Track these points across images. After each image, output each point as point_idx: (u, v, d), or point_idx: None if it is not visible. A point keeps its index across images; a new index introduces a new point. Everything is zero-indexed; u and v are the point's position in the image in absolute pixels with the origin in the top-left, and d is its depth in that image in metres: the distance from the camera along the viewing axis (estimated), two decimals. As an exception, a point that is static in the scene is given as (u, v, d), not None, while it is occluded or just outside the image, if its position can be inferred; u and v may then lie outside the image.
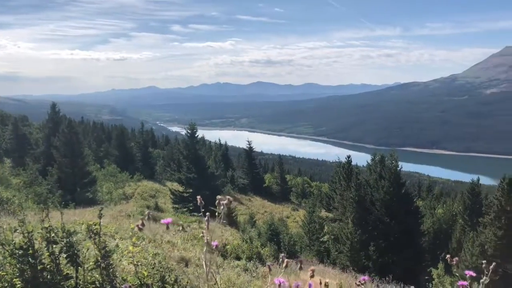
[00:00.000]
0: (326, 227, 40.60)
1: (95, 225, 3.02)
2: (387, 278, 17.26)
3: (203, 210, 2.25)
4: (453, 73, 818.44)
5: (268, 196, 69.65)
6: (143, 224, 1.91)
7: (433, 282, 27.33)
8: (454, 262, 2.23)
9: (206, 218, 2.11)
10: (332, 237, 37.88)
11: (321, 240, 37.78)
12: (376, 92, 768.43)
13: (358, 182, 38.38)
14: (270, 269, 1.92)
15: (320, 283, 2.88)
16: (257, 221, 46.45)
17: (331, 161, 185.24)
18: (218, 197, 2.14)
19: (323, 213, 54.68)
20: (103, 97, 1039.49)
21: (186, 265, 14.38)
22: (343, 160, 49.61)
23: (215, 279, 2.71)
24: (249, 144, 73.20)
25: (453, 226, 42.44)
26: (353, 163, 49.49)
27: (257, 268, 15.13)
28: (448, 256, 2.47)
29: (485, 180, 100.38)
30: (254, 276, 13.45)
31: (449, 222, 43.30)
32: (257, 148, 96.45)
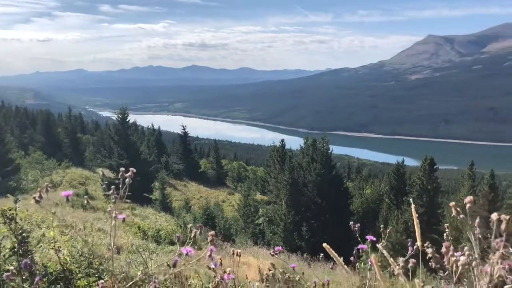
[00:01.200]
0: (261, 210, 41.32)
1: (9, 210, 2.87)
2: (317, 257, 17.90)
3: (118, 183, 2.14)
4: (381, 60, 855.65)
5: (204, 181, 69.47)
6: (40, 197, 1.86)
7: (361, 258, 28.71)
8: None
9: (112, 191, 2.01)
10: (267, 219, 38.66)
11: (256, 222, 38.41)
12: (310, 77, 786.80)
13: (292, 165, 39.33)
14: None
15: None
16: (192, 206, 46.27)
17: (266, 145, 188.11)
18: (122, 169, 2.05)
19: (258, 196, 55.56)
20: (26, 80, 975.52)
21: (118, 252, 14.11)
22: (278, 144, 50.49)
23: (147, 265, 2.68)
24: (184, 129, 72.28)
25: (380, 205, 44.77)
26: (287, 147, 50.57)
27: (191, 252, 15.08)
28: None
29: (409, 162, 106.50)
30: (187, 260, 13.41)
31: (376, 202, 45.61)
32: (192, 133, 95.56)
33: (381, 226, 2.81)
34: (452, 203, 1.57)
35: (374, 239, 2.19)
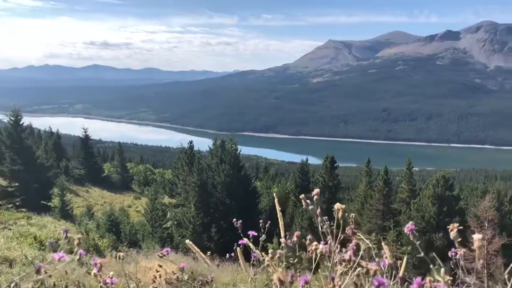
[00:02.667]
0: (169, 213, 40.47)
1: None
2: (227, 257, 17.90)
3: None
4: (285, 63, 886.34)
5: (108, 186, 66.36)
6: None
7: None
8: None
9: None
10: (175, 222, 37.97)
11: (164, 226, 37.55)
12: (217, 79, 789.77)
13: (200, 166, 39.07)
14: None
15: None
16: (95, 213, 43.96)
17: (174, 147, 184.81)
18: None
19: (167, 199, 54.41)
20: None
21: (10, 266, 12.89)
22: (186, 145, 49.84)
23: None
24: (85, 132, 68.33)
25: (287, 203, 46.24)
26: (196, 148, 50.09)
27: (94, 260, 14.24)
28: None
29: (313, 160, 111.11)
30: (90, 269, 12.64)
31: (283, 200, 47.06)
32: (94, 135, 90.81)
33: (287, 222, 2.82)
34: (302, 196, 1.66)
35: (256, 234, 2.23)
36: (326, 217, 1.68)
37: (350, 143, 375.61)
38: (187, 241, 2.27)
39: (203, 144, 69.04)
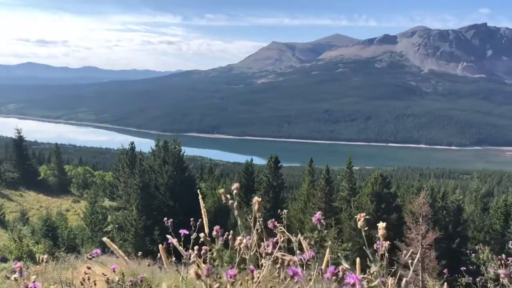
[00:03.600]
0: (109, 217, 39.21)
1: None
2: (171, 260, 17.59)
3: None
4: (230, 63, 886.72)
5: (44, 189, 63.23)
6: None
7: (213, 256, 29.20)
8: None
9: None
10: (117, 226, 36.85)
11: (104, 230, 36.35)
12: (160, 78, 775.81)
13: (142, 168, 38.18)
14: None
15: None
16: (30, 218, 41.77)
17: (115, 148, 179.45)
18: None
19: (107, 202, 52.64)
20: None
21: None
22: (127, 147, 48.50)
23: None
24: (19, 133, 64.71)
25: (240, 208, 46.20)
26: (137, 149, 48.84)
27: (28, 268, 13.51)
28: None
29: (257, 161, 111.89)
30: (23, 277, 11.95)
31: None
32: (29, 137, 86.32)
33: (232, 223, 2.78)
34: (221, 190, 1.71)
35: (187, 232, 2.24)
36: (247, 210, 1.77)
37: (293, 143, 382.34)
38: (105, 238, 2.22)
39: (145, 145, 67.59)
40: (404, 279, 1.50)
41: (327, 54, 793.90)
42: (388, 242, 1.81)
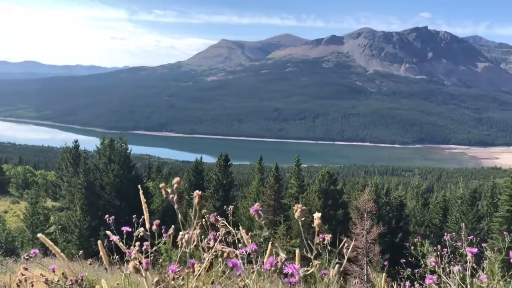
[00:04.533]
0: (52, 218, 37.62)
1: None
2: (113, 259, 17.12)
3: None
4: (179, 60, 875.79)
5: (-20, 190, 59.84)
6: None
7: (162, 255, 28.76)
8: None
9: None
10: (60, 227, 35.41)
11: (46, 231, 34.82)
12: (106, 74, 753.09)
13: (87, 167, 36.92)
14: None
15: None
16: (-37, 221, 39.32)
17: (58, 146, 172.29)
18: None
19: (49, 203, 50.46)
20: None
21: None
22: (70, 145, 46.66)
23: None
24: (-49, 130, 60.82)
25: (180, 202, 45.65)
26: (82, 147, 47.13)
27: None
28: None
29: (207, 159, 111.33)
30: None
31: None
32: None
33: (181, 221, 2.74)
34: (161, 185, 1.73)
35: (130, 229, 2.18)
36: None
37: (243, 141, 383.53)
38: (39, 234, 2.14)
39: (90, 143, 65.47)
40: (336, 266, 1.57)
41: (276, 53, 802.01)
42: (330, 235, 1.83)
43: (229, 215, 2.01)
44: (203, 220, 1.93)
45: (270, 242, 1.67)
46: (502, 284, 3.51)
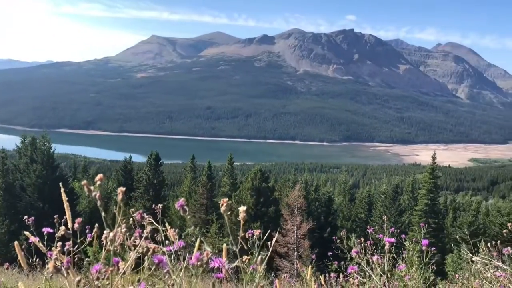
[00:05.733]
0: (-35, 223, 34.75)
1: None
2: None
3: None
4: (106, 56, 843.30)
5: None
6: None
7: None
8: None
9: None
10: (-26, 233, 32.81)
11: (-41, 238, 32.10)
12: (27, 69, 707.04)
13: (6, 167, 34.53)
14: None
15: None
16: None
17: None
18: None
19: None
20: None
21: None
22: (-13, 144, 43.40)
23: None
24: None
25: (109, 203, 44.12)
26: (0, 147, 44.01)
27: None
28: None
29: (137, 158, 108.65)
30: None
31: (105, 200, 44.74)
32: None
33: (110, 222, 2.65)
34: (84, 182, 1.67)
35: (52, 230, 2.10)
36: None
37: (175, 139, 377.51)
38: (16, 242, 2.11)
39: (9, 142, 61.37)
40: (259, 256, 1.57)
41: (209, 51, 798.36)
42: (259, 230, 1.84)
43: (158, 214, 1.98)
44: (131, 219, 1.88)
45: (198, 239, 1.70)
46: (419, 272, 3.77)
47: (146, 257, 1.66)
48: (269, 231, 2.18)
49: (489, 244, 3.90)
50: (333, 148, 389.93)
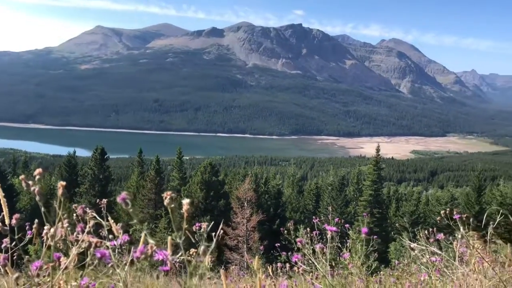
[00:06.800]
0: None
1: None
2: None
3: None
4: (48, 46, 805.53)
5: None
6: None
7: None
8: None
9: None
10: None
11: None
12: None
13: None
14: None
15: None
16: None
17: None
18: None
19: None
20: None
21: None
22: None
23: None
24: None
25: (52, 199, 42.38)
26: None
27: None
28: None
29: (81, 152, 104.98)
30: None
31: (47, 196, 42.92)
32: None
33: (53, 220, 2.56)
34: (22, 176, 1.65)
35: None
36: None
37: (122, 133, 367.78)
38: None
39: None
40: (202, 247, 1.56)
41: (156, 43, 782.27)
42: (206, 223, 1.84)
43: (102, 209, 1.95)
44: (75, 215, 1.85)
45: (144, 232, 1.68)
46: (362, 259, 3.94)
47: (88, 252, 1.61)
48: (217, 224, 2.21)
49: (426, 232, 4.14)
50: (282, 141, 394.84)
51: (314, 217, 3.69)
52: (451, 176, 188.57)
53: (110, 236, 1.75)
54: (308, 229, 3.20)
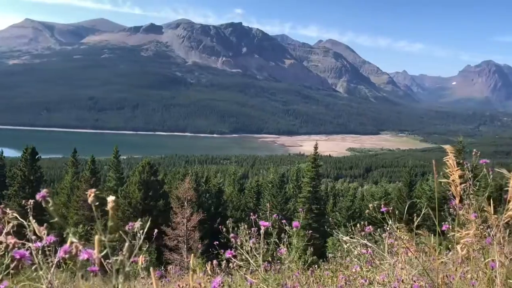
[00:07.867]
0: None
1: None
2: None
3: None
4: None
5: None
6: None
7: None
8: None
9: None
10: None
11: None
12: None
13: None
14: None
15: None
16: None
17: None
18: None
19: None
20: None
21: None
22: None
23: None
24: None
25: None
26: None
27: None
28: None
29: (10, 153, 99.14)
30: None
31: (-29, 200, 40.20)
32: None
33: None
34: None
35: None
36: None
37: (54, 132, 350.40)
38: None
39: None
40: (126, 243, 1.53)
41: (91, 38, 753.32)
42: (140, 222, 1.83)
43: (29, 211, 1.83)
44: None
45: (71, 234, 1.63)
46: (298, 254, 4.05)
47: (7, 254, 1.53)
48: (155, 224, 2.18)
49: (358, 225, 4.32)
50: (223, 139, 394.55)
51: (251, 214, 3.74)
52: (384, 172, 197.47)
53: (34, 238, 1.71)
54: (245, 226, 3.25)
